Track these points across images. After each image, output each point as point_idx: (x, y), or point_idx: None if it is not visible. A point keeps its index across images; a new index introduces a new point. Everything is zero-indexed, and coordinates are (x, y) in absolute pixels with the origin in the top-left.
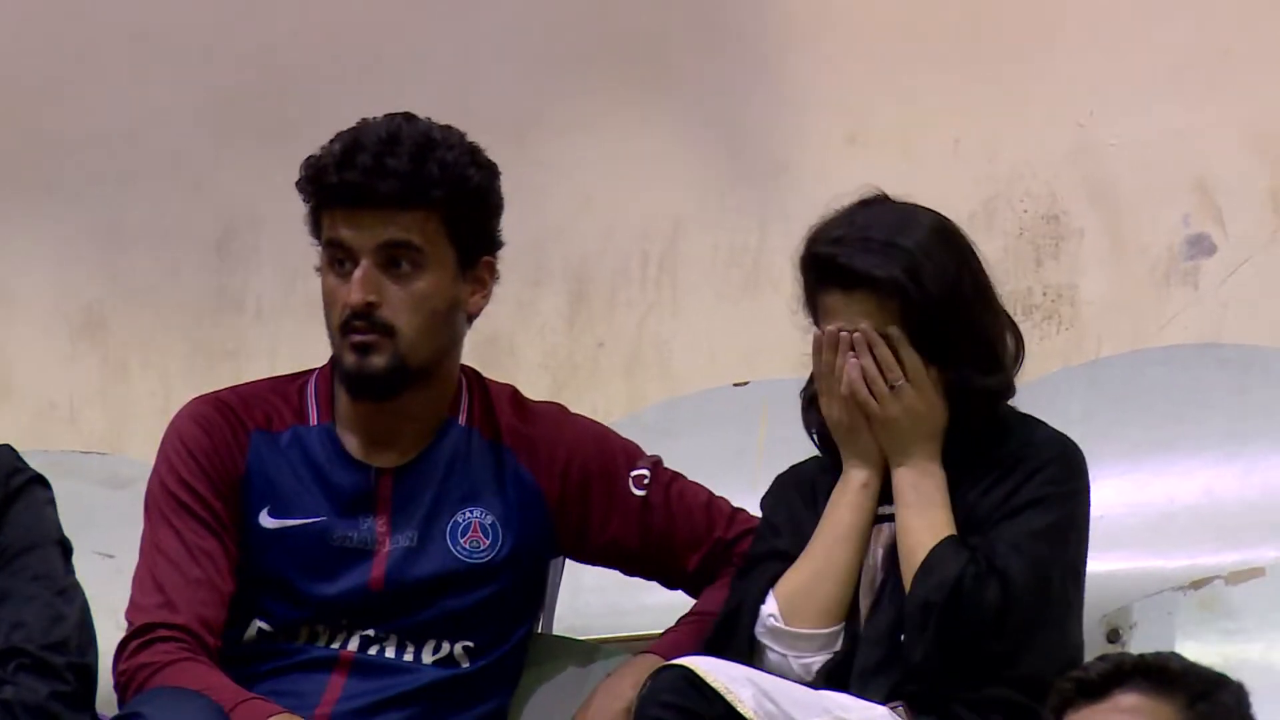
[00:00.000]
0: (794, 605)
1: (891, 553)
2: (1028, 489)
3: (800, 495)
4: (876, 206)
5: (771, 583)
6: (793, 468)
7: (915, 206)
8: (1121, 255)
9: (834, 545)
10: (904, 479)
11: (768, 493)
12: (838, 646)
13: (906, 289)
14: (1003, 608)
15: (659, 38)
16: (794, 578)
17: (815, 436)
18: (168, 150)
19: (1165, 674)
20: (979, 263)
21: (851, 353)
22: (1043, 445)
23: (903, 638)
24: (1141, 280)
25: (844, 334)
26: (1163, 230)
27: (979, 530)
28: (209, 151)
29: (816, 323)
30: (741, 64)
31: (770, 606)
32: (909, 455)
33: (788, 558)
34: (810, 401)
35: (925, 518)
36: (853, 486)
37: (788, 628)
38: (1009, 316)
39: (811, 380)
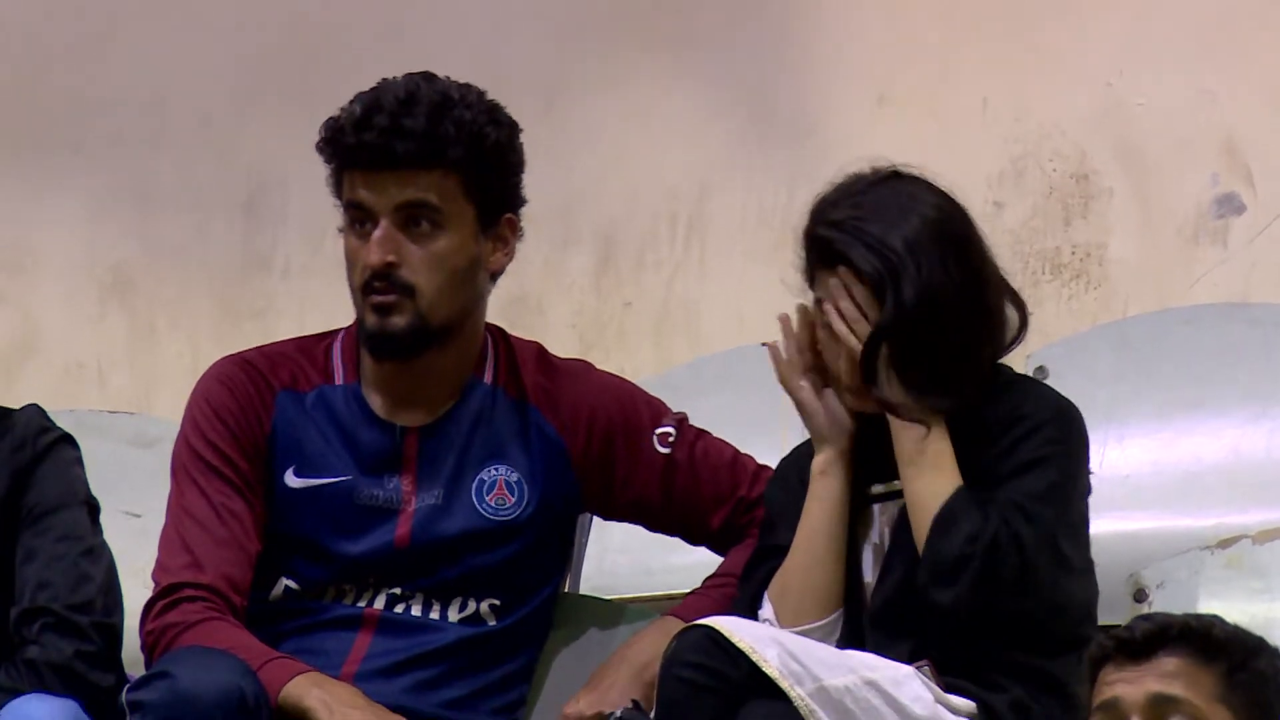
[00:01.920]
0: (785, 604)
1: (897, 528)
2: (1026, 448)
3: (800, 479)
4: (883, 188)
5: (766, 583)
6: (795, 450)
7: (921, 191)
8: (1150, 215)
9: (811, 538)
10: (906, 439)
11: (770, 480)
12: (836, 634)
13: (888, 291)
14: (1021, 568)
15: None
16: (781, 577)
17: None
18: (196, 111)
19: (1209, 640)
20: (976, 251)
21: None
22: (1039, 405)
23: (923, 588)
24: (1170, 240)
25: (828, 306)
26: (1191, 190)
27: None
28: (237, 112)
29: (812, 286)
30: (770, 24)
31: (766, 610)
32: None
33: (784, 552)
34: None
35: (934, 474)
36: (814, 475)
37: (783, 627)
38: (1012, 291)
39: None
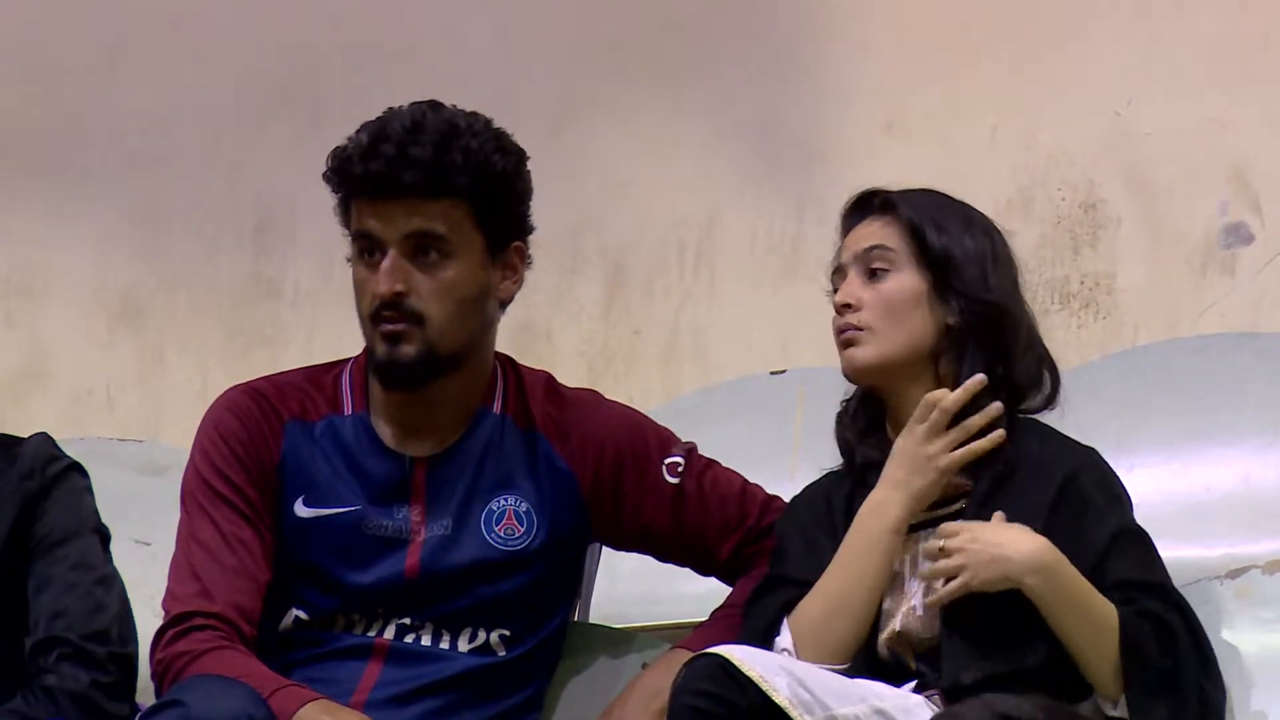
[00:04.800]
0: (805, 640)
1: (917, 559)
2: (1109, 523)
3: (814, 514)
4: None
5: (782, 611)
6: (807, 488)
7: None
8: (1159, 244)
9: (846, 577)
10: (1041, 585)
11: (781, 516)
12: None
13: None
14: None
15: (697, 26)
16: (810, 610)
17: (841, 448)
18: (205, 137)
19: None
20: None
21: None
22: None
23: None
24: (1179, 269)
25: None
26: (1200, 218)
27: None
28: (246, 138)
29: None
30: (780, 52)
31: (784, 640)
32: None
33: (797, 583)
34: (842, 412)
35: (1084, 607)
36: (871, 507)
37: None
38: (1046, 355)
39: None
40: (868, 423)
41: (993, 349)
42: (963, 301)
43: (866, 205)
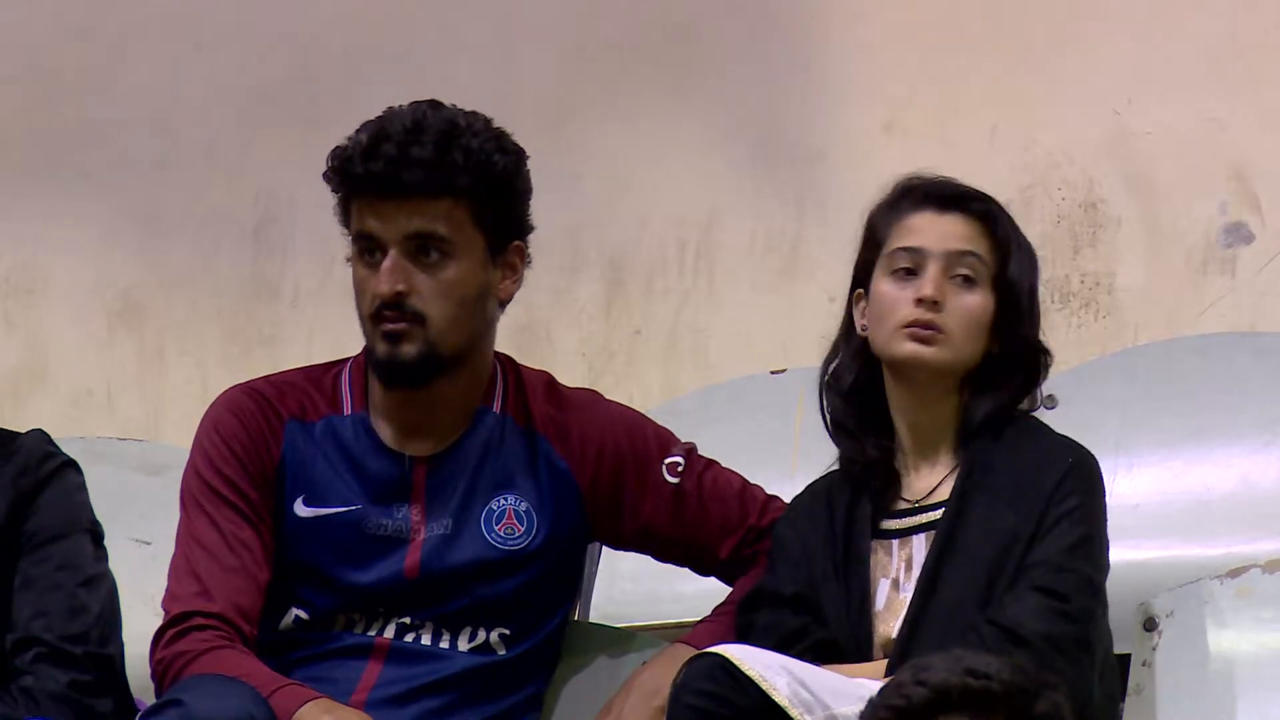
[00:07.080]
0: None
1: (917, 560)
2: (1056, 504)
3: (813, 522)
4: None
5: (765, 633)
6: (807, 489)
7: None
8: (1159, 243)
9: None
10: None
11: (781, 519)
12: None
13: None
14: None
15: (696, 25)
16: None
17: (829, 422)
18: (205, 137)
19: (987, 697)
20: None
21: None
22: (1059, 451)
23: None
24: (1179, 268)
25: None
26: (1200, 218)
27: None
28: (246, 138)
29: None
30: (779, 51)
31: None
32: None
33: (783, 601)
34: (833, 381)
35: None
36: None
37: None
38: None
39: (832, 359)
40: (867, 410)
41: (1018, 383)
42: (1012, 338)
43: (958, 201)
